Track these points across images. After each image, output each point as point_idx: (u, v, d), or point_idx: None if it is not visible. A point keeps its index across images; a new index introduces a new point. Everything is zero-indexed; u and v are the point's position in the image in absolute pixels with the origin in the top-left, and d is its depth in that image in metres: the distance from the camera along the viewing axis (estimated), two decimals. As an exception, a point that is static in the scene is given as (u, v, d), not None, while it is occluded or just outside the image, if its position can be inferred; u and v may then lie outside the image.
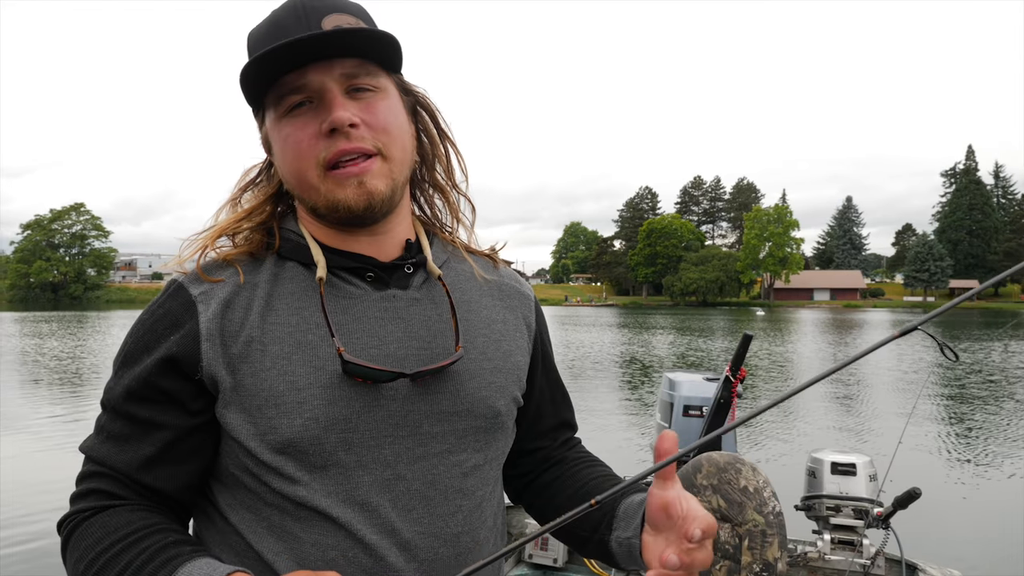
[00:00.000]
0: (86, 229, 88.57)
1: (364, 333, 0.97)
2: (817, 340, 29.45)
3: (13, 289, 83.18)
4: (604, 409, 11.85)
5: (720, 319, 49.49)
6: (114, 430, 0.96)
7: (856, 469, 3.41)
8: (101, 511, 0.93)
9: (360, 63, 0.95)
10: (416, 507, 0.96)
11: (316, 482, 0.93)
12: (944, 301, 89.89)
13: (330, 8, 0.95)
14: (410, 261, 1.05)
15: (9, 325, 36.11)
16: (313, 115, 0.95)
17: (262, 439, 0.92)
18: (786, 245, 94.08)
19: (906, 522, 3.31)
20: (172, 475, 0.95)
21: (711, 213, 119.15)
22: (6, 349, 22.59)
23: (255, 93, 0.98)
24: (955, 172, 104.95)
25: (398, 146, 0.99)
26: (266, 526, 0.95)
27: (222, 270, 1.00)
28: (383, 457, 0.95)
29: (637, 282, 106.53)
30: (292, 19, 0.94)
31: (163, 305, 0.98)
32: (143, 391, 0.94)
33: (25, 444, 9.25)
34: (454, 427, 1.00)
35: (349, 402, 0.93)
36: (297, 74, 0.93)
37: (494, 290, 1.14)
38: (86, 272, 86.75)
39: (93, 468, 0.96)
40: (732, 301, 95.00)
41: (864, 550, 3.35)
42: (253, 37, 0.98)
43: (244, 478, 0.95)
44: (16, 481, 7.38)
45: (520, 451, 1.18)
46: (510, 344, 1.10)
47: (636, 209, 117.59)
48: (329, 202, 0.96)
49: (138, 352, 0.96)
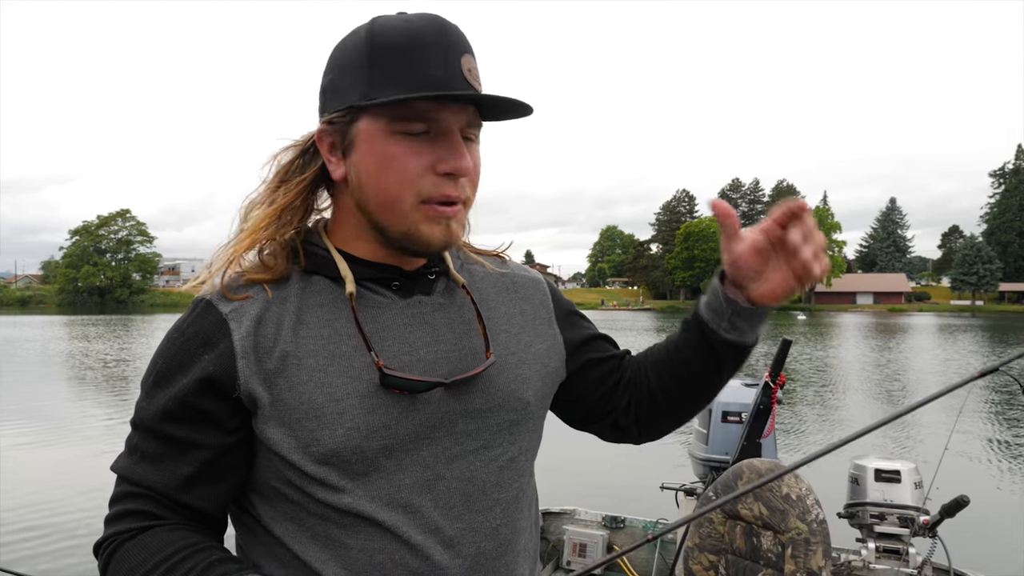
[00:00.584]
0: (131, 234, 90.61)
1: (395, 340, 0.99)
2: (860, 345, 28.85)
3: (62, 293, 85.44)
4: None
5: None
6: (149, 450, 0.96)
7: (901, 476, 3.34)
8: (141, 532, 0.93)
9: (476, 112, 0.98)
10: (456, 504, 0.98)
11: (360, 488, 0.94)
12: (993, 305, 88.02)
13: (464, 47, 0.97)
14: (433, 269, 1.07)
15: (59, 328, 37.10)
16: (429, 147, 0.95)
17: (304, 451, 0.93)
18: (828, 248, 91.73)
19: (954, 531, 3.23)
20: (211, 494, 0.97)
21: (750, 216, 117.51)
22: (56, 351, 23.21)
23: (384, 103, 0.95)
24: (1004, 172, 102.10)
25: (474, 195, 1.02)
26: (311, 535, 0.96)
27: (248, 287, 1.00)
28: (422, 459, 0.97)
29: (674, 286, 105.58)
30: (437, 49, 0.94)
31: (193, 324, 0.98)
32: (180, 411, 0.95)
33: (77, 449, 9.48)
34: (487, 423, 1.03)
35: (387, 409, 0.95)
36: (432, 105, 0.94)
37: (507, 283, 1.17)
38: (131, 277, 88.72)
39: (129, 489, 0.96)
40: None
41: (910, 559, 3.27)
42: (387, 42, 0.94)
43: (286, 490, 0.96)
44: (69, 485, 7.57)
45: (609, 392, 1.20)
46: (530, 335, 1.13)
47: (673, 212, 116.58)
48: (413, 234, 0.97)
49: (171, 372, 0.96)
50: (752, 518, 2.86)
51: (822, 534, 3.07)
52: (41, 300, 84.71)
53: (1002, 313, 79.59)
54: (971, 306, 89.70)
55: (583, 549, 3.79)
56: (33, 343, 26.85)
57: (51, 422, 11.10)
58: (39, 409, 12.26)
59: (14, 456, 8.93)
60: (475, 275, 1.14)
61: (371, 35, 0.96)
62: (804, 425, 10.99)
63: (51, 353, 22.73)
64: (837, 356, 23.21)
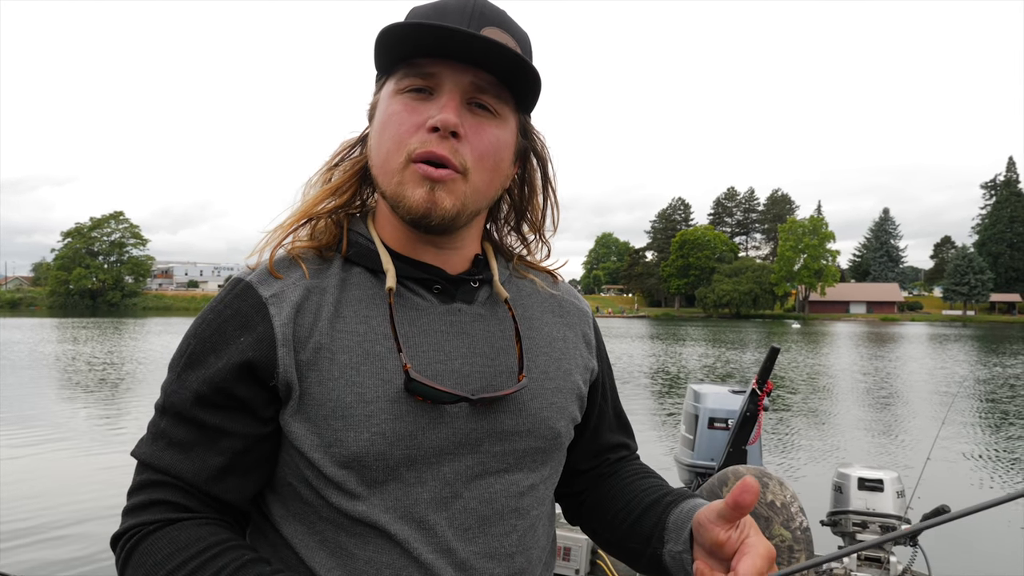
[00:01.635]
0: (124, 237, 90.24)
1: (430, 347, 0.96)
2: (851, 353, 28.96)
3: (53, 296, 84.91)
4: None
5: (754, 331, 48.90)
6: (178, 436, 0.90)
7: (884, 485, 3.37)
8: (168, 524, 0.87)
9: (495, 82, 0.93)
10: (472, 527, 0.94)
11: (376, 497, 0.91)
12: (984, 315, 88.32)
13: (497, 21, 0.94)
14: (477, 277, 1.04)
15: (49, 331, 36.95)
16: (424, 105, 0.93)
17: (326, 451, 0.89)
18: (821, 257, 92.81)
19: (934, 539, 3.25)
20: (241, 486, 0.92)
21: (745, 224, 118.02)
22: (44, 354, 23.13)
23: (388, 61, 0.95)
24: (995, 184, 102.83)
25: (486, 177, 0.96)
26: (319, 540, 0.93)
27: (290, 270, 0.97)
28: (442, 475, 0.93)
29: (669, 293, 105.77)
30: (457, 13, 0.93)
31: (230, 305, 0.94)
32: (214, 396, 0.90)
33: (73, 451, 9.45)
34: (514, 447, 0.98)
35: (415, 418, 0.91)
36: (433, 61, 0.92)
37: (554, 306, 1.12)
38: (124, 279, 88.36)
39: (153, 477, 0.90)
40: (766, 314, 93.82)
41: (891, 567, 3.30)
42: (413, 14, 0.96)
43: (302, 489, 0.93)
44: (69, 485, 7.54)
45: (575, 471, 1.17)
46: (570, 363, 1.08)
47: (669, 220, 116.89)
48: (398, 196, 0.93)
49: (205, 353, 0.92)
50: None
51: (805, 541, 3.09)
52: (31, 302, 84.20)
53: (992, 323, 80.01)
54: (963, 316, 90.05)
55: (568, 553, 3.80)
56: (21, 345, 26.72)
57: (40, 425, 11.05)
58: (26, 412, 12.21)
59: (3, 458, 8.89)
60: (523, 291, 1.10)
61: (407, 17, 0.97)
62: (792, 431, 11.03)
63: (39, 356, 22.64)
64: (828, 364, 23.30)
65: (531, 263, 1.15)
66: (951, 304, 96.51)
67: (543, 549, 1.04)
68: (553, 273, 1.18)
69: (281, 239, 1.00)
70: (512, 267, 1.12)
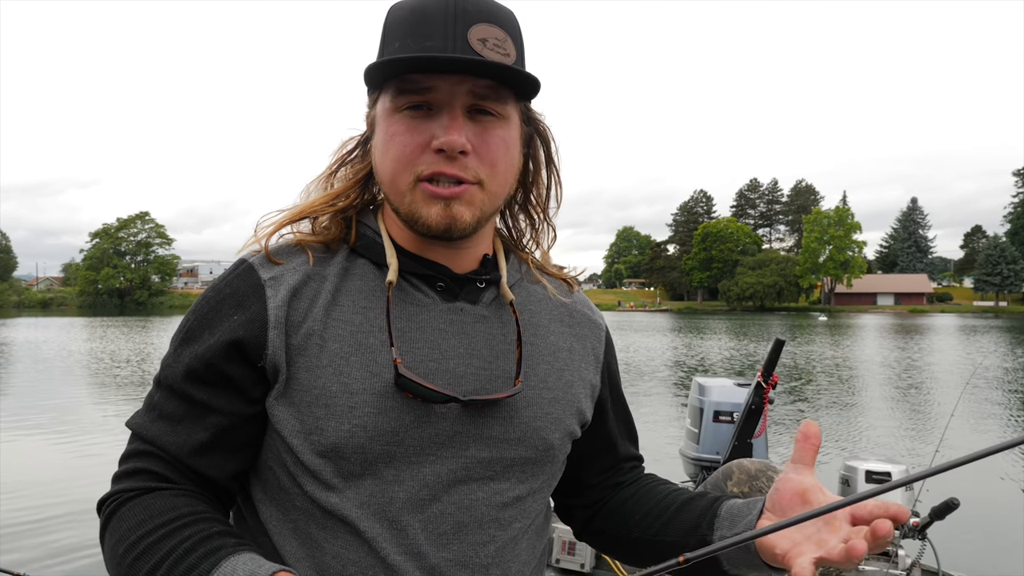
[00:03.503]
0: (150, 237, 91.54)
1: (425, 344, 0.94)
2: (873, 345, 28.58)
3: (82, 295, 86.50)
4: (638, 414, 11.75)
5: (778, 325, 48.40)
6: (168, 409, 0.93)
7: (891, 478, 3.31)
8: (146, 492, 0.90)
9: (493, 85, 0.91)
10: (447, 532, 0.92)
11: (350, 491, 0.90)
12: (1017, 306, 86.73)
13: (481, 16, 0.91)
14: (484, 277, 1.02)
15: (79, 330, 37.58)
16: (427, 123, 0.91)
17: (306, 438, 0.90)
18: (847, 248, 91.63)
19: (943, 533, 3.20)
20: (222, 463, 0.93)
21: (768, 216, 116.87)
22: (73, 351, 23.52)
23: (379, 79, 0.94)
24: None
25: (500, 180, 0.95)
26: (291, 528, 0.93)
27: (293, 255, 0.98)
28: (422, 476, 0.92)
29: (692, 287, 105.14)
30: (439, 17, 0.90)
31: (230, 284, 0.96)
32: (204, 372, 0.91)
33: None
34: (502, 455, 0.96)
35: (400, 414, 0.90)
36: (426, 76, 0.89)
37: (564, 315, 1.10)
38: (150, 279, 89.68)
39: (141, 447, 0.93)
40: (791, 306, 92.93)
41: (900, 561, 3.26)
42: (394, 18, 0.94)
43: (280, 475, 0.94)
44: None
45: (585, 484, 1.15)
46: (572, 375, 1.05)
47: (690, 213, 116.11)
48: (411, 213, 0.93)
49: (200, 330, 0.94)
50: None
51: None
52: (62, 302, 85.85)
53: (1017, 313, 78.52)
54: (995, 307, 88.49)
55: (572, 548, 3.79)
56: (52, 344, 27.22)
57: (67, 420, 11.25)
58: (55, 407, 12.43)
59: (32, 453, 9.07)
60: (532, 296, 1.07)
61: (387, 15, 0.96)
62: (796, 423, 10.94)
63: (68, 353, 23.04)
64: (846, 356, 23.02)
65: (547, 268, 1.12)
66: (982, 295, 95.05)
67: (525, 564, 1.00)
68: (569, 281, 1.14)
69: (276, 229, 1.00)
70: (525, 271, 1.09)
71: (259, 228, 1.01)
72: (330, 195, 1.01)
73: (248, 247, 1.00)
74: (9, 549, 5.69)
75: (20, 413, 11.94)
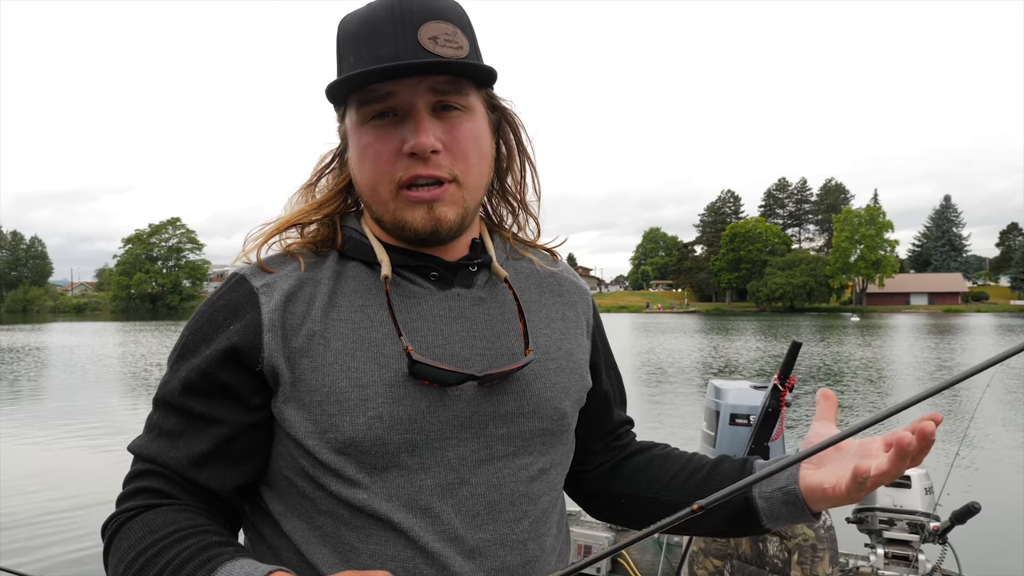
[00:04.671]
0: (182, 242, 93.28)
1: (429, 332, 0.95)
2: (902, 345, 28.08)
3: (116, 300, 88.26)
4: (654, 417, 11.66)
5: (809, 325, 47.77)
6: (167, 426, 0.92)
7: (911, 481, 3.27)
8: (147, 510, 0.89)
9: (451, 80, 0.93)
10: (481, 512, 0.92)
11: (377, 485, 0.89)
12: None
13: (428, 14, 0.92)
14: (475, 261, 1.03)
15: (112, 334, 38.22)
16: (395, 129, 0.93)
17: (322, 437, 0.89)
18: (879, 247, 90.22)
19: (964, 538, 3.15)
20: (225, 474, 0.92)
21: (797, 216, 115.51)
22: (106, 355, 23.94)
23: (341, 95, 0.96)
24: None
25: (475, 172, 0.97)
26: (319, 535, 0.92)
27: (284, 264, 0.98)
28: (447, 460, 0.92)
29: (720, 288, 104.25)
30: (387, 23, 0.91)
31: (223, 296, 0.96)
32: (201, 383, 0.91)
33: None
34: (520, 429, 0.97)
35: (414, 401, 0.91)
36: (384, 83, 0.91)
37: (553, 285, 1.11)
38: (182, 283, 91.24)
39: (142, 467, 0.93)
40: (822, 307, 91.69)
41: (920, 566, 3.20)
42: (345, 32, 0.95)
43: (299, 481, 0.92)
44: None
45: (587, 449, 1.16)
46: (571, 342, 1.07)
47: (718, 213, 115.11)
48: (396, 220, 0.95)
49: (195, 343, 0.94)
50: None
51: (829, 540, 3.02)
52: (96, 307, 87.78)
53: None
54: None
55: (588, 551, 3.78)
56: (87, 348, 27.75)
57: (101, 423, 11.45)
58: (88, 410, 12.66)
59: (71, 456, 9.24)
60: (520, 271, 1.09)
61: (338, 29, 0.96)
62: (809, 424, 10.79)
63: (101, 356, 23.46)
64: (873, 356, 22.62)
65: (528, 241, 1.13)
66: (1019, 294, 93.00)
67: (556, 537, 1.02)
68: (552, 251, 1.16)
69: (265, 240, 1.01)
70: (509, 247, 1.10)
71: (247, 241, 1.02)
72: (313, 204, 1.03)
73: (238, 260, 1.01)
74: (40, 557, 5.77)
75: (56, 417, 12.17)
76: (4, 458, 9.03)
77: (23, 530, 6.27)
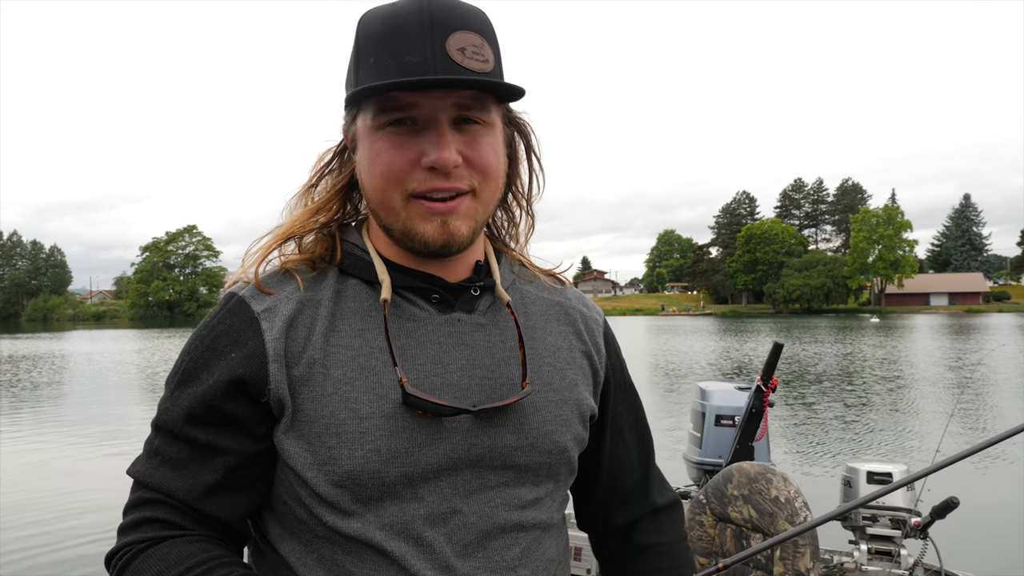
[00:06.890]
0: (198, 250, 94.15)
1: (427, 359, 0.93)
2: (917, 346, 27.78)
3: (134, 308, 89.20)
4: (668, 420, 11.68)
5: (826, 327, 47.33)
6: (171, 454, 0.90)
7: (892, 479, 3.32)
8: (159, 542, 0.88)
9: (476, 95, 0.90)
10: (472, 542, 0.92)
11: (371, 514, 0.89)
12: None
13: (456, 23, 0.88)
14: (478, 284, 1.00)
15: (131, 341, 38.61)
16: (413, 139, 0.89)
17: (320, 469, 0.88)
18: (898, 248, 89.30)
19: (945, 532, 3.20)
20: (234, 503, 0.91)
21: (814, 216, 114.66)
22: (124, 363, 24.21)
23: (357, 98, 0.92)
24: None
25: (491, 187, 0.94)
26: (316, 558, 0.91)
27: (283, 284, 0.96)
28: (440, 490, 0.91)
29: (736, 290, 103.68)
30: (414, 29, 0.87)
31: (223, 320, 0.93)
32: (206, 414, 0.89)
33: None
34: (516, 462, 0.95)
35: (411, 434, 0.89)
36: (407, 93, 0.88)
37: (560, 314, 1.08)
38: (198, 291, 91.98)
39: (147, 495, 0.91)
40: (840, 308, 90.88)
41: (902, 560, 3.26)
42: (366, 31, 0.91)
43: (296, 508, 0.92)
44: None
45: (592, 515, 1.14)
46: (575, 373, 1.04)
47: (733, 215, 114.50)
48: (407, 230, 0.92)
49: (197, 371, 0.91)
50: (742, 521, 2.91)
51: (810, 536, 3.07)
52: (114, 315, 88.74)
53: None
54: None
55: (578, 552, 3.83)
56: (105, 356, 28.09)
57: (119, 430, 11.59)
58: (106, 417, 12.82)
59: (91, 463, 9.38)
60: (526, 296, 1.06)
61: (358, 27, 0.93)
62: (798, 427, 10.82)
63: (118, 364, 23.73)
64: (881, 356, 22.40)
65: (537, 266, 1.11)
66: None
67: (551, 561, 1.01)
68: (560, 277, 1.13)
69: (263, 256, 0.98)
70: (518, 270, 1.08)
71: (246, 258, 0.99)
72: (311, 208, 1.00)
73: (237, 279, 0.99)
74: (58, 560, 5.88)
75: (76, 424, 12.32)
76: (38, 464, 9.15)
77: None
